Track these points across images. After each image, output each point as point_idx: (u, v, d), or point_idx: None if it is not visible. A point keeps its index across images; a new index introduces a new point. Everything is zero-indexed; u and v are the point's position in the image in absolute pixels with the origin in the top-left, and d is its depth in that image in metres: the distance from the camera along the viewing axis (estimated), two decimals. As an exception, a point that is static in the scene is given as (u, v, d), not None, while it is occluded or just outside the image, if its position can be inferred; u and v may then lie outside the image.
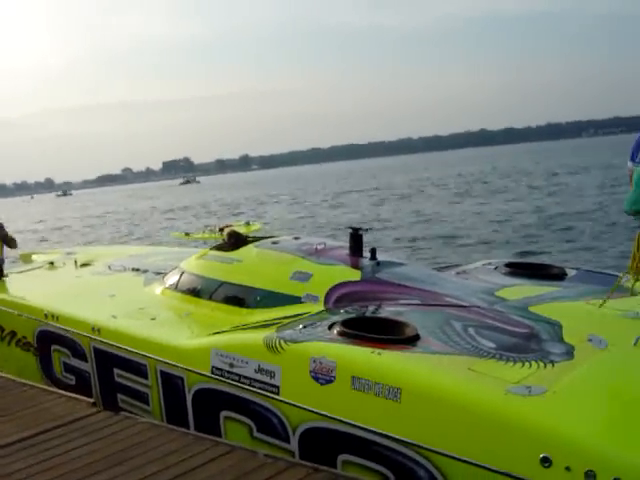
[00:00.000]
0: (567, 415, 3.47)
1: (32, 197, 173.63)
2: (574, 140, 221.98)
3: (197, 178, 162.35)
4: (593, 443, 3.26)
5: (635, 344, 4.18)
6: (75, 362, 6.49)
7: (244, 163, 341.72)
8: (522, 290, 5.45)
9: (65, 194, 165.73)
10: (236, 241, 6.68)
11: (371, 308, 5.08)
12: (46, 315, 6.77)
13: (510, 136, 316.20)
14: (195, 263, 6.69)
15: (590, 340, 4.29)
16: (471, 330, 4.47)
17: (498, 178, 49.64)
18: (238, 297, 5.91)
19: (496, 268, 6.27)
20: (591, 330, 4.43)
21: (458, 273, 6.35)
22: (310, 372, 4.23)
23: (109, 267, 8.49)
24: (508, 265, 6.26)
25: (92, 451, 4.48)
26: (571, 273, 6.02)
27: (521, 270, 6.08)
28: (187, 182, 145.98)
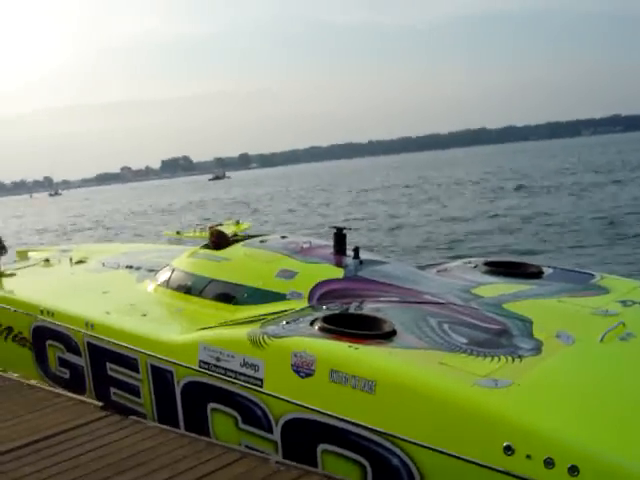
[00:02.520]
0: (529, 406, 3.67)
1: (31, 196, 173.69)
2: (573, 139, 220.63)
3: (226, 174, 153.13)
4: (552, 433, 3.46)
5: (601, 340, 4.39)
6: (69, 357, 6.68)
7: (243, 161, 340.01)
8: (498, 288, 5.64)
9: (56, 193, 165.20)
10: (219, 239, 6.87)
11: (352, 305, 5.26)
12: (42, 311, 6.96)
13: (510, 134, 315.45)
14: (185, 261, 6.90)
15: (558, 336, 4.49)
16: (445, 326, 4.66)
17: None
18: (226, 294, 6.10)
19: (475, 266, 6.46)
20: (560, 326, 4.63)
21: (439, 271, 6.52)
22: (292, 365, 4.42)
23: (103, 264, 8.70)
24: (487, 264, 6.45)
25: (101, 456, 4.48)
26: (548, 271, 6.20)
27: (499, 268, 6.27)
28: (217, 178, 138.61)
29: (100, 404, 5.57)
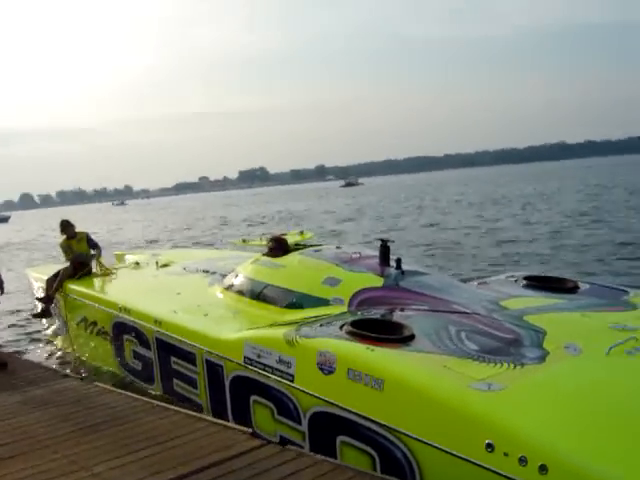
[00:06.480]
0: (513, 409, 3.93)
1: (112, 203, 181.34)
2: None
3: (359, 180, 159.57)
4: (528, 433, 3.71)
5: (607, 353, 4.55)
6: (141, 350, 7.38)
7: (320, 173, 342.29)
8: (526, 301, 5.92)
9: (122, 203, 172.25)
10: (276, 247, 7.44)
11: (384, 312, 5.65)
12: (120, 308, 7.72)
13: (590, 149, 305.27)
14: (248, 267, 7.50)
15: (566, 347, 4.71)
16: (462, 334, 4.98)
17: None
18: (278, 298, 6.64)
19: (516, 281, 6.75)
20: (572, 339, 4.84)
21: (479, 284, 6.86)
22: (317, 363, 4.85)
23: (184, 268, 9.45)
24: (526, 278, 6.73)
25: None
26: (583, 287, 6.41)
27: (537, 283, 6.54)
28: (349, 184, 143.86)
29: (249, 430, 5.02)
